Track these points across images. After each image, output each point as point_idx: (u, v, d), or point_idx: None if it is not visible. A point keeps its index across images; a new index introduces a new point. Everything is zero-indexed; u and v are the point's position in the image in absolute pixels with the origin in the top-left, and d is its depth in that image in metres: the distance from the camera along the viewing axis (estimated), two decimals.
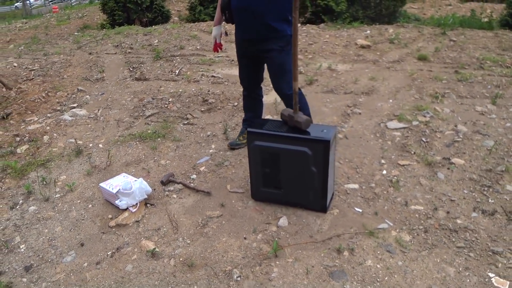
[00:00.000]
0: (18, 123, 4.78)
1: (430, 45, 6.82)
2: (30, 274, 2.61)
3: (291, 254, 2.47)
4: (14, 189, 3.48)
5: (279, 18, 2.87)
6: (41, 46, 8.62)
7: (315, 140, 2.51)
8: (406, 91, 4.87)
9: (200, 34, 8.03)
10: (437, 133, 3.78)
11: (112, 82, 5.80)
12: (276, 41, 2.96)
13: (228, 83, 5.39)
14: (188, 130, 4.16)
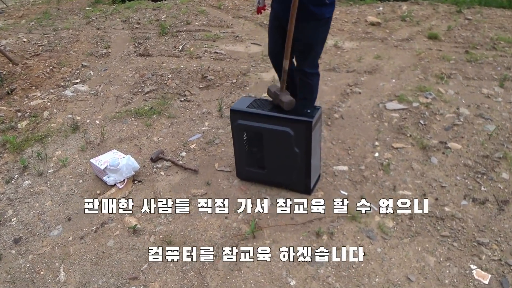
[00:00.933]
0: (21, 99, 4.82)
1: (443, 24, 6.57)
2: (19, 246, 2.67)
3: (269, 235, 2.46)
4: (11, 163, 3.53)
5: (318, 1, 2.70)
6: (51, 21, 8.62)
7: (298, 120, 2.46)
8: (411, 70, 4.72)
9: (209, 9, 7.91)
10: (437, 116, 3.67)
11: (117, 58, 5.78)
12: (312, 23, 2.80)
13: (230, 59, 5.32)
14: (184, 107, 4.14)
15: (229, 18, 7.28)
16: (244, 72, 4.83)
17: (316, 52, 3.01)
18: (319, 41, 2.94)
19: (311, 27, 2.81)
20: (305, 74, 3.05)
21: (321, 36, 2.91)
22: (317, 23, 2.80)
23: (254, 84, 4.55)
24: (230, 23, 6.96)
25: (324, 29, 2.89)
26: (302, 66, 3.05)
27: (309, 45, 2.93)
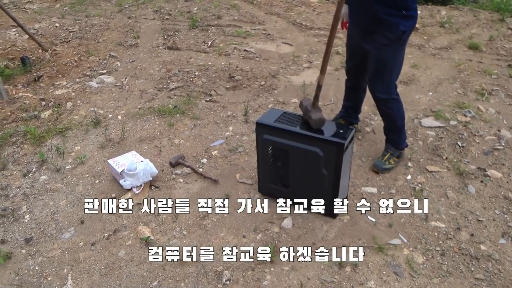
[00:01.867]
0: (47, 86, 4.78)
1: (484, 33, 6.23)
2: (30, 246, 2.60)
3: (288, 261, 2.29)
4: (30, 156, 3.47)
5: (392, 10, 2.47)
6: (84, 7, 8.61)
7: (329, 141, 2.27)
8: (449, 83, 4.46)
9: (241, 4, 7.73)
10: (476, 137, 3.42)
11: (145, 50, 5.69)
12: (384, 35, 2.57)
13: (260, 59, 5.15)
14: (209, 108, 4.00)
15: (261, 14, 7.09)
16: (274, 74, 4.66)
17: (389, 74, 2.71)
18: (392, 59, 2.65)
19: (382, 41, 2.58)
20: (377, 100, 2.82)
21: (395, 53, 2.63)
22: (390, 37, 2.55)
23: (283, 87, 4.37)
24: (262, 19, 6.78)
25: (398, 46, 2.61)
26: (373, 90, 2.80)
27: (381, 63, 2.66)
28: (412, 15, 2.52)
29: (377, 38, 2.60)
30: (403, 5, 2.46)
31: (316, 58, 5.16)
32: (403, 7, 2.46)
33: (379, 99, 2.82)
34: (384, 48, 2.60)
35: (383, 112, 2.89)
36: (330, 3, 7.91)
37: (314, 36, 6.01)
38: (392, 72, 2.72)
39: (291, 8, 7.42)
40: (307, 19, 6.77)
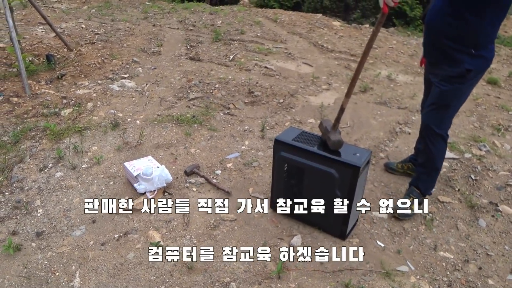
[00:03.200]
0: (69, 85, 4.88)
1: (504, 68, 6.25)
2: (40, 240, 2.63)
3: (295, 279, 2.31)
4: (48, 151, 3.53)
5: (460, 48, 2.41)
6: (111, 11, 8.81)
7: (345, 163, 2.30)
8: (466, 116, 4.47)
9: (264, 21, 7.85)
10: (489, 172, 3.42)
11: (167, 58, 5.79)
12: (446, 69, 2.53)
13: (280, 77, 5.21)
14: (226, 121, 4.05)
15: (284, 33, 7.19)
16: (292, 92, 4.71)
17: (446, 108, 2.63)
18: (452, 96, 2.56)
19: (444, 75, 2.54)
20: (426, 130, 2.73)
21: (456, 90, 2.54)
22: (451, 73, 2.50)
23: (300, 107, 4.42)
24: (284, 38, 6.87)
25: (461, 83, 2.51)
26: (428, 121, 2.72)
27: (440, 97, 2.60)
28: (482, 55, 2.42)
29: (440, 72, 2.58)
30: (473, 43, 2.37)
31: (335, 81, 5.21)
32: (472, 45, 2.38)
33: (429, 130, 2.72)
34: (444, 83, 2.56)
35: (426, 146, 2.78)
36: (352, 27, 7.99)
37: (335, 59, 6.07)
38: (448, 108, 2.63)
39: (313, 30, 7.51)
40: (329, 42, 6.84)
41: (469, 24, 2.32)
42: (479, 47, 2.38)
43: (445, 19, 2.40)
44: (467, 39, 2.38)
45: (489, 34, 2.38)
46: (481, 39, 2.37)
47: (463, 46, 2.40)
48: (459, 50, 2.42)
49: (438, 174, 2.87)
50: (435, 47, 2.56)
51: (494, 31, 2.39)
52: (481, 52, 2.41)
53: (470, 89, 2.60)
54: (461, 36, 2.38)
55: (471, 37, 2.37)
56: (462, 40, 2.39)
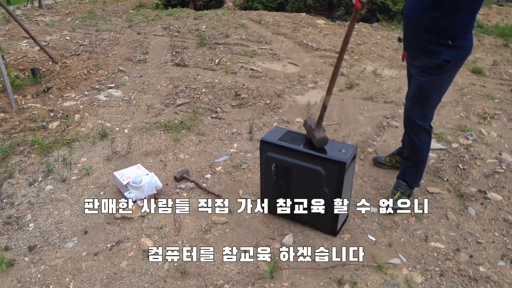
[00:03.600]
0: (56, 98, 4.87)
1: (488, 57, 6.31)
2: (33, 254, 2.62)
3: (288, 277, 2.32)
4: (37, 165, 3.52)
5: (437, 40, 2.44)
6: (95, 21, 8.79)
7: (331, 160, 2.32)
8: (452, 107, 4.51)
9: (249, 23, 7.87)
10: (477, 160, 3.46)
11: (153, 65, 5.79)
12: (424, 61, 2.57)
13: (266, 78, 5.23)
14: (214, 125, 4.06)
15: (268, 34, 7.22)
16: (279, 93, 4.73)
17: (426, 100, 2.65)
18: (431, 87, 2.59)
19: (423, 67, 2.57)
20: (409, 123, 2.76)
21: (434, 81, 2.56)
22: (429, 64, 2.53)
23: (287, 107, 4.44)
24: (269, 39, 6.90)
25: (439, 74, 2.54)
26: (410, 114, 2.74)
27: (420, 89, 2.63)
28: (460, 45, 2.44)
29: (419, 63, 2.61)
30: (450, 35, 2.40)
31: (321, 79, 5.25)
32: (449, 36, 2.40)
33: (411, 122, 2.75)
34: (423, 74, 2.59)
35: (410, 139, 2.81)
36: (337, 25, 8.04)
37: (320, 57, 6.11)
38: (429, 100, 2.65)
39: (298, 29, 7.54)
40: (313, 40, 6.88)
41: (445, 16, 2.35)
42: (456, 38, 2.41)
43: (421, 11, 2.44)
44: (444, 31, 2.41)
45: (466, 25, 2.42)
46: (458, 30, 2.40)
47: (440, 38, 2.43)
48: (436, 42, 2.45)
49: (424, 166, 2.89)
50: (413, 39, 2.59)
51: (471, 21, 2.42)
52: (459, 42, 2.43)
53: (450, 80, 2.63)
54: (438, 28, 2.41)
55: (448, 29, 2.40)
56: (439, 32, 2.42)
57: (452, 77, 2.63)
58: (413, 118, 2.71)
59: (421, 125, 2.70)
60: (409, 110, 2.75)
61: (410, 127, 2.76)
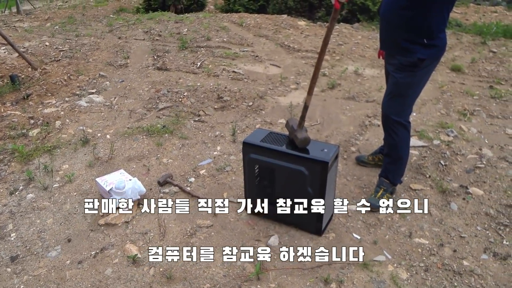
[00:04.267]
0: (36, 105, 4.80)
1: (467, 55, 6.43)
2: (15, 265, 2.57)
3: (274, 278, 2.32)
4: (18, 174, 3.46)
5: (411, 38, 2.48)
6: (75, 26, 8.70)
7: (313, 160, 2.33)
8: (432, 104, 4.58)
9: (230, 26, 7.87)
10: (458, 156, 3.51)
11: (134, 70, 5.75)
12: (399, 59, 2.60)
13: (248, 80, 5.24)
14: (197, 128, 4.04)
15: (250, 36, 7.23)
16: (261, 94, 4.74)
17: (402, 97, 2.68)
18: (407, 84, 2.62)
19: (398, 65, 2.60)
20: (386, 120, 2.78)
21: (410, 78, 2.59)
22: (404, 62, 2.56)
23: (270, 108, 4.45)
24: (250, 41, 6.90)
25: (415, 72, 2.56)
26: (385, 109, 2.78)
27: (396, 86, 2.67)
28: (434, 45, 2.48)
29: (395, 61, 2.64)
30: (425, 34, 2.44)
31: (303, 80, 5.27)
32: (424, 35, 2.44)
33: (388, 119, 2.77)
34: (399, 71, 2.62)
35: (388, 135, 2.84)
36: (318, 26, 8.09)
37: (302, 58, 6.14)
38: (405, 97, 2.68)
39: (279, 31, 7.57)
40: (295, 42, 6.91)
41: (420, 15, 2.39)
42: (430, 37, 2.45)
43: (397, 10, 2.48)
44: (419, 30, 2.44)
45: (439, 24, 2.45)
46: (433, 29, 2.44)
47: (415, 36, 2.46)
48: (411, 40, 2.48)
49: (404, 162, 2.91)
50: (389, 38, 2.63)
51: (444, 21, 2.46)
52: (433, 41, 2.47)
53: (426, 77, 2.67)
54: (413, 27, 2.45)
55: (422, 27, 2.43)
56: (413, 30, 2.46)
57: (429, 75, 2.67)
58: (390, 115, 2.74)
59: (398, 121, 2.73)
60: (386, 106, 2.78)
61: (387, 123, 2.80)
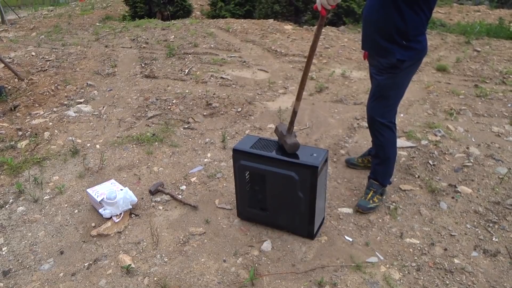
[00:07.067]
0: (24, 116, 4.76)
1: (452, 55, 6.52)
2: (8, 279, 2.55)
3: (269, 283, 2.33)
4: (7, 187, 3.44)
5: (390, 38, 2.51)
6: (61, 35, 8.65)
7: (303, 165, 2.35)
8: (419, 105, 4.64)
9: (217, 32, 7.89)
10: (446, 155, 3.56)
11: (122, 78, 5.74)
12: (379, 61, 2.64)
13: (236, 86, 5.26)
14: (187, 135, 4.05)
15: (237, 42, 7.25)
16: (250, 100, 4.76)
17: (385, 98, 2.71)
18: (389, 86, 2.65)
19: (379, 66, 2.64)
20: (371, 121, 2.81)
21: (391, 80, 2.62)
22: (384, 63, 2.59)
23: (259, 113, 4.47)
24: (238, 47, 6.93)
25: (395, 74, 2.59)
26: (369, 111, 2.81)
27: (378, 87, 2.71)
28: (412, 47, 2.50)
29: (376, 63, 2.69)
30: (403, 35, 2.46)
31: (291, 84, 5.30)
32: (402, 37, 2.47)
33: (373, 121, 2.80)
34: (380, 73, 2.66)
35: (375, 137, 2.87)
36: (304, 30, 8.15)
37: (289, 63, 6.17)
38: (388, 98, 2.71)
39: (266, 36, 7.61)
40: (282, 46, 6.95)
41: (399, 17, 2.43)
42: (409, 39, 2.49)
43: (377, 12, 2.53)
44: (397, 32, 2.48)
45: (418, 27, 2.49)
46: (410, 32, 2.47)
47: (393, 38, 2.50)
48: (390, 41, 2.52)
49: (392, 163, 2.94)
50: (370, 39, 2.67)
51: (422, 23, 2.50)
52: (411, 44, 2.51)
53: (408, 78, 2.70)
54: (392, 28, 2.48)
55: (399, 28, 2.46)
56: (392, 32, 2.49)
57: (410, 76, 2.71)
58: (375, 116, 2.78)
59: (383, 122, 2.76)
60: (370, 108, 2.81)
61: (373, 125, 2.83)
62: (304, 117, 4.34)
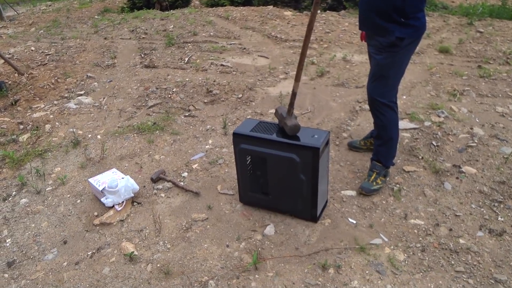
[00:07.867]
0: (25, 110, 4.75)
1: (454, 36, 6.43)
2: (12, 270, 2.56)
3: (272, 267, 2.32)
4: (10, 179, 3.44)
5: (388, 17, 2.45)
6: (60, 29, 8.61)
7: (304, 146, 2.32)
8: (422, 86, 4.58)
9: (216, 20, 7.83)
10: (450, 136, 3.52)
11: (122, 69, 5.71)
12: (378, 40, 2.59)
13: (237, 72, 5.21)
14: (187, 123, 4.02)
15: (237, 29, 7.19)
16: (251, 86, 4.72)
17: (385, 78, 2.67)
18: (389, 65, 2.61)
19: (378, 45, 2.60)
20: (372, 102, 2.77)
21: (391, 58, 2.58)
22: (383, 42, 2.55)
23: (260, 99, 4.43)
24: (237, 34, 6.87)
25: (394, 52, 2.55)
26: (370, 91, 2.76)
27: (378, 66, 2.66)
28: (411, 24, 2.46)
29: (375, 42, 2.64)
30: (401, 13, 2.42)
31: (292, 69, 5.25)
32: (400, 14, 2.43)
33: (374, 101, 2.76)
34: (380, 52, 2.62)
35: (376, 118, 2.84)
36: (304, 15, 8.06)
37: (289, 48, 6.12)
38: (388, 78, 2.67)
39: (265, 22, 7.53)
40: (282, 32, 6.89)
41: None
42: (407, 16, 2.44)
43: None
44: (395, 9, 2.43)
45: (416, 4, 2.45)
46: (408, 9, 2.42)
47: (391, 16, 2.45)
48: (388, 20, 2.47)
49: (395, 143, 2.90)
50: (368, 19, 2.62)
51: (421, 0, 2.45)
52: (410, 21, 2.46)
53: (407, 57, 2.66)
54: (389, 6, 2.43)
55: (398, 7, 2.42)
56: (390, 10, 2.44)
57: (410, 54, 2.66)
58: (375, 97, 2.74)
59: (383, 103, 2.73)
60: (371, 89, 2.77)
61: (373, 105, 2.79)
62: (306, 101, 4.30)
